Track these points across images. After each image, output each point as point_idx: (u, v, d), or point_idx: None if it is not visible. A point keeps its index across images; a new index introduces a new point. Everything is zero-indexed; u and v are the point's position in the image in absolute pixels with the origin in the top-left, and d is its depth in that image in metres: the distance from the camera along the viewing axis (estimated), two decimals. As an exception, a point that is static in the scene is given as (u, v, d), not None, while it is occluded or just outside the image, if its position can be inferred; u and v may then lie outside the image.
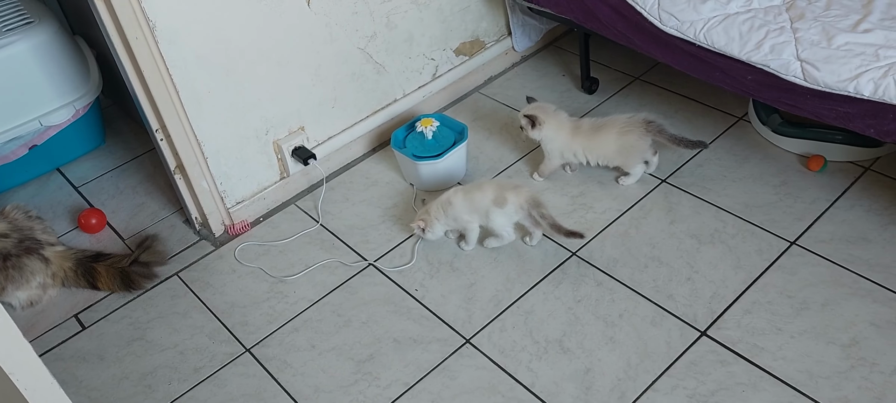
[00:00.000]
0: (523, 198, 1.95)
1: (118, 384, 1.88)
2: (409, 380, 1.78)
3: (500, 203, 1.96)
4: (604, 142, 2.12)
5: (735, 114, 2.39)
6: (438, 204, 2.04)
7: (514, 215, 1.98)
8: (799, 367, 1.67)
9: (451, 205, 2.01)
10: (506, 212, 1.97)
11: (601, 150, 2.13)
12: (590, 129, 2.14)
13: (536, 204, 1.95)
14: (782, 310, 1.79)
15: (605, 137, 2.12)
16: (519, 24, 2.70)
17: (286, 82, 2.21)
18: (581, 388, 1.70)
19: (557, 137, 2.16)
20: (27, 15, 2.40)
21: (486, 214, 1.99)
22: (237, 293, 2.07)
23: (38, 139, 2.45)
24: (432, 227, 2.04)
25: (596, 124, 2.15)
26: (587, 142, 2.14)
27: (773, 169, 2.17)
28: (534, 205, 1.95)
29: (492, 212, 1.98)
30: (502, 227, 2.00)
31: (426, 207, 2.08)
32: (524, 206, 1.95)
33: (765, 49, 1.84)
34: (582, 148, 2.15)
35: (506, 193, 1.96)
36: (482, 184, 2.03)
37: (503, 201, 1.96)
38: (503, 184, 2.01)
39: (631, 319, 1.83)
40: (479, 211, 2.00)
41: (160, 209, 2.41)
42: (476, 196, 2.00)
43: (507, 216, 1.98)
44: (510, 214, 1.97)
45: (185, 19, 1.93)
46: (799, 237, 1.96)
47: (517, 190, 1.97)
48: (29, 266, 2.03)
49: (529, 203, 1.95)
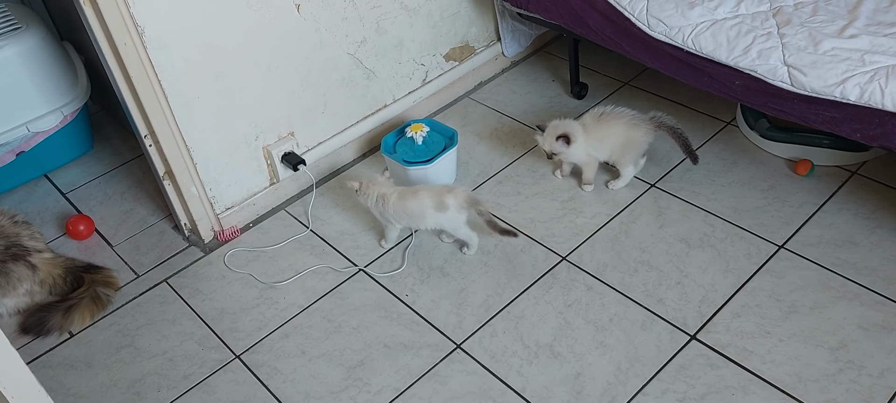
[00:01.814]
0: (461, 198, 1.99)
1: (106, 391, 1.86)
2: (399, 386, 1.77)
3: (441, 208, 1.98)
4: (611, 133, 2.11)
5: (723, 118, 2.41)
6: (378, 191, 2.05)
7: (459, 215, 2.00)
8: (788, 370, 1.67)
9: (385, 202, 2.04)
10: (450, 216, 1.99)
11: (608, 142, 2.13)
12: (594, 122, 2.13)
13: (474, 202, 2.00)
14: (771, 314, 1.80)
15: (613, 128, 2.11)
16: (508, 30, 2.71)
17: (276, 88, 2.21)
18: (571, 393, 1.70)
19: (583, 144, 2.14)
20: (15, 20, 2.39)
21: (431, 221, 2.01)
22: (227, 299, 2.06)
23: (26, 145, 2.44)
24: (364, 198, 2.06)
25: (597, 115, 2.14)
26: (597, 133, 2.13)
27: (762, 173, 2.18)
28: (472, 203, 1.99)
29: (438, 219, 2.00)
30: (456, 229, 2.03)
31: (373, 179, 2.07)
32: (464, 205, 1.99)
33: (752, 54, 1.85)
34: (595, 142, 2.14)
35: (444, 198, 1.99)
36: (417, 191, 2.03)
37: (444, 206, 1.98)
38: (438, 190, 2.02)
39: (621, 323, 1.83)
40: (410, 217, 2.02)
41: (149, 215, 2.39)
42: (410, 203, 2.01)
43: (452, 219, 2.00)
44: (455, 216, 2.00)
45: (173, 24, 1.93)
46: (787, 241, 1.97)
47: (453, 192, 1.99)
48: (15, 272, 2.01)
49: (468, 201, 1.99)
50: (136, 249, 2.27)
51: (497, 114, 2.60)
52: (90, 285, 2.05)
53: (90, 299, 2.03)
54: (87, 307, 2.02)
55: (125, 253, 2.26)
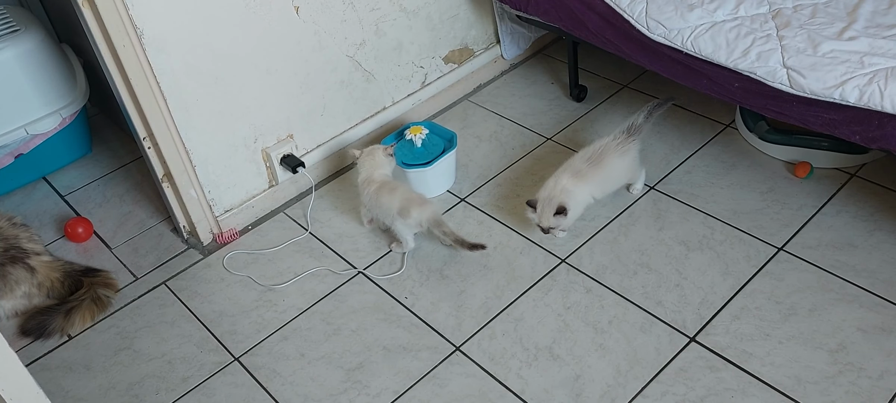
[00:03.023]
0: (426, 216, 2.00)
1: (105, 394, 1.86)
2: (399, 388, 1.77)
3: (404, 214, 2.01)
4: (608, 168, 2.04)
5: (722, 121, 2.41)
6: (368, 173, 2.11)
7: (415, 228, 2.03)
8: (787, 372, 1.67)
9: (368, 187, 2.09)
10: (408, 225, 2.02)
11: (610, 179, 2.07)
12: (589, 167, 2.02)
13: (438, 224, 2.00)
14: (770, 316, 1.80)
15: (608, 163, 2.04)
16: (508, 33, 2.71)
17: (275, 90, 2.21)
18: (571, 395, 1.70)
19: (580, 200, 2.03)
20: (13, 23, 2.39)
21: (390, 219, 2.05)
22: (226, 301, 2.06)
23: (24, 147, 2.43)
24: (361, 166, 2.13)
25: (588, 157, 2.04)
26: (595, 176, 2.03)
27: (761, 175, 2.18)
28: (435, 224, 2.00)
29: (396, 220, 2.03)
30: (402, 235, 2.06)
31: (367, 149, 2.14)
32: (424, 224, 2.01)
33: (751, 56, 1.85)
34: (597, 185, 2.05)
35: (411, 207, 2.00)
36: (396, 188, 2.06)
37: (407, 213, 2.00)
38: (411, 197, 2.03)
39: (620, 326, 1.83)
40: (382, 210, 2.06)
41: (148, 217, 2.39)
42: (384, 198, 2.05)
43: (408, 228, 2.03)
44: (411, 227, 2.03)
45: (172, 27, 1.93)
46: (786, 243, 1.97)
47: (422, 206, 2.01)
48: (14, 275, 2.00)
49: (430, 221, 2.00)
50: (135, 252, 2.27)
51: (496, 116, 2.60)
52: (90, 287, 2.04)
53: (91, 300, 2.03)
54: (87, 308, 2.02)
55: (124, 256, 2.26)
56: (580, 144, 2.40)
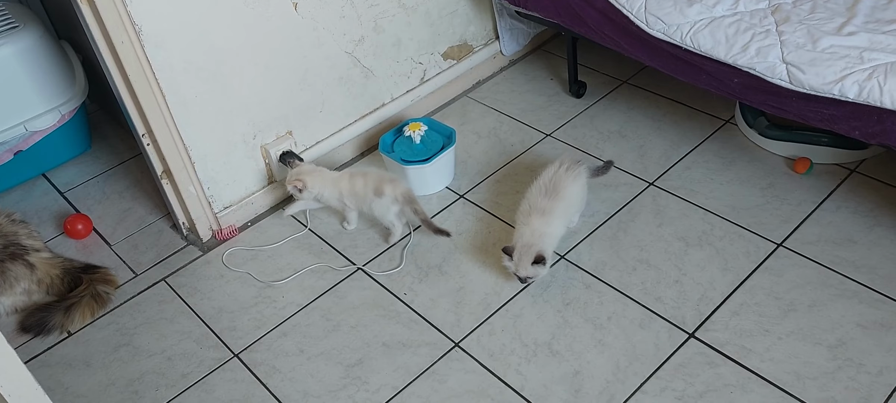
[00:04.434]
0: (399, 191, 2.05)
1: (105, 390, 1.86)
2: (398, 384, 1.77)
3: (378, 193, 2.06)
4: (571, 196, 1.97)
5: (722, 117, 2.41)
6: (324, 175, 2.12)
7: (391, 206, 2.07)
8: (786, 368, 1.67)
9: (338, 186, 2.11)
10: (383, 203, 2.06)
11: (573, 204, 2.00)
12: (550, 200, 1.93)
13: (410, 200, 2.06)
14: (770, 312, 1.80)
15: (567, 191, 1.95)
16: (507, 29, 2.70)
17: (273, 86, 2.21)
18: (570, 391, 1.70)
19: (553, 239, 1.93)
20: (12, 19, 2.38)
21: (367, 203, 2.09)
22: (225, 298, 2.06)
23: (24, 144, 2.43)
24: (309, 192, 2.11)
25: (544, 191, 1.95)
26: (560, 207, 1.94)
27: (760, 171, 2.18)
28: (408, 201, 2.06)
29: (373, 202, 2.07)
30: (383, 217, 2.10)
31: (303, 168, 2.14)
32: (399, 200, 2.05)
33: (751, 52, 1.85)
34: (564, 217, 1.97)
35: (383, 185, 2.06)
36: (365, 173, 2.11)
37: (381, 192, 2.05)
38: (383, 176, 2.09)
39: (619, 322, 1.83)
40: (357, 197, 2.10)
41: (147, 214, 2.39)
42: (358, 183, 2.09)
43: (384, 206, 2.07)
44: (387, 205, 2.06)
45: (171, 23, 1.92)
46: (786, 239, 1.97)
47: (394, 183, 2.06)
48: (13, 271, 2.00)
49: (404, 197, 2.05)
50: (135, 248, 2.27)
51: (495, 112, 2.59)
52: (89, 284, 2.05)
53: (90, 297, 2.03)
54: (87, 305, 2.02)
55: (123, 252, 2.26)
56: (579, 141, 2.40)
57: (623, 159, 2.30)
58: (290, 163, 2.18)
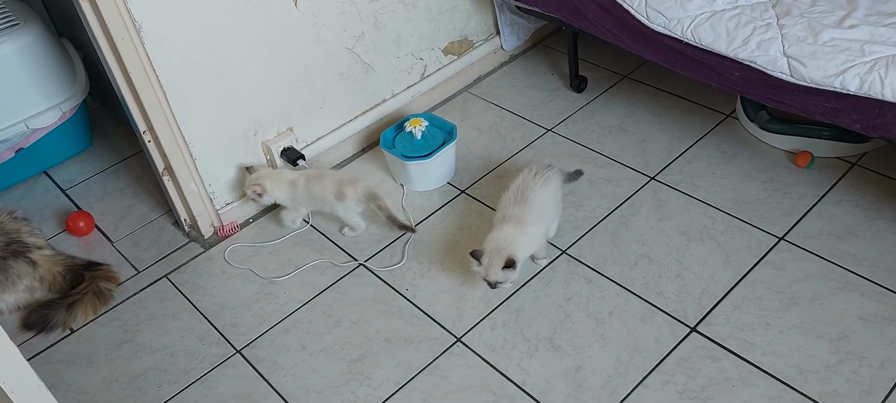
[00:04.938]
0: (360, 192, 2.06)
1: (107, 387, 1.86)
2: (400, 380, 1.77)
3: (339, 197, 2.06)
4: (543, 202, 1.91)
5: (723, 111, 2.40)
6: (281, 178, 2.12)
7: (355, 207, 2.08)
8: (788, 362, 1.68)
9: (295, 189, 2.11)
10: (347, 206, 2.07)
11: (546, 211, 1.93)
12: (522, 208, 1.88)
13: (373, 197, 2.07)
14: (771, 306, 1.80)
15: (537, 197, 1.90)
16: (507, 24, 2.70)
17: (274, 83, 2.21)
18: (572, 385, 1.70)
19: (528, 244, 1.88)
20: (12, 17, 2.38)
21: (329, 206, 2.09)
22: (227, 294, 2.06)
23: (25, 142, 2.44)
24: (269, 196, 2.11)
25: (514, 199, 1.90)
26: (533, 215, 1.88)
27: (761, 165, 2.18)
28: (371, 198, 2.07)
29: (335, 206, 2.08)
30: (349, 218, 2.11)
31: (262, 172, 2.13)
32: (362, 200, 2.06)
33: (752, 45, 1.85)
34: (540, 225, 1.91)
35: (344, 188, 2.06)
36: (322, 176, 2.11)
37: (342, 196, 2.06)
38: (342, 179, 2.09)
39: (621, 316, 1.83)
40: (316, 201, 2.10)
41: (149, 211, 2.39)
42: (315, 188, 2.09)
43: (349, 209, 2.08)
44: (351, 207, 2.07)
45: (171, 20, 1.92)
46: (787, 233, 1.97)
47: (354, 184, 2.07)
48: (15, 269, 2.01)
49: (366, 196, 2.06)
50: (136, 245, 2.27)
51: (496, 108, 2.59)
52: (91, 281, 2.05)
53: (93, 294, 2.03)
54: (89, 302, 2.02)
55: (125, 249, 2.26)
56: (580, 136, 2.40)
57: (624, 154, 2.30)
58: (249, 168, 2.16)
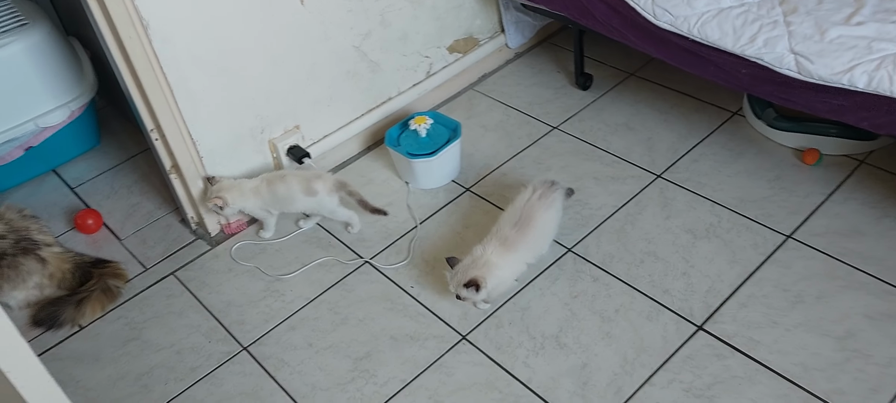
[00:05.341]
0: (329, 183, 2.09)
1: (114, 384, 1.87)
2: (406, 377, 1.78)
3: (310, 193, 2.07)
4: (543, 228, 1.89)
5: (730, 108, 2.40)
6: (242, 188, 2.10)
7: (328, 199, 2.09)
8: (794, 360, 1.67)
9: (260, 195, 2.11)
10: (321, 200, 2.08)
11: (544, 236, 1.92)
12: (518, 232, 1.85)
13: (342, 185, 2.11)
14: (778, 304, 1.79)
15: (539, 222, 1.88)
16: (512, 22, 2.70)
17: (281, 81, 2.21)
18: (578, 383, 1.70)
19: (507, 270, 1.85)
20: (21, 16, 2.40)
21: (300, 205, 2.10)
22: (233, 292, 2.07)
23: (34, 140, 2.45)
24: (230, 208, 2.09)
25: (514, 221, 1.87)
26: (526, 243, 1.86)
27: (768, 163, 2.17)
28: (341, 187, 2.11)
29: (308, 203, 2.09)
30: (333, 213, 2.12)
31: (223, 184, 2.11)
32: (333, 190, 2.09)
33: (758, 43, 1.84)
34: (530, 252, 1.89)
35: (312, 183, 2.07)
36: (285, 176, 2.11)
37: (313, 191, 2.07)
38: (307, 176, 2.10)
39: (627, 314, 1.83)
40: (283, 203, 2.11)
41: (156, 209, 2.40)
42: (279, 188, 2.09)
43: (323, 203, 2.09)
44: (325, 200, 2.08)
45: (178, 18, 1.93)
46: (794, 231, 1.96)
47: (321, 177, 2.09)
48: (25, 266, 2.02)
49: (336, 186, 2.10)
50: (144, 243, 2.28)
51: (502, 105, 2.59)
52: (100, 278, 2.06)
53: (101, 291, 2.04)
54: (97, 299, 2.03)
55: (133, 247, 2.27)
56: (586, 133, 2.40)
57: (630, 152, 2.30)
58: (210, 179, 2.13)
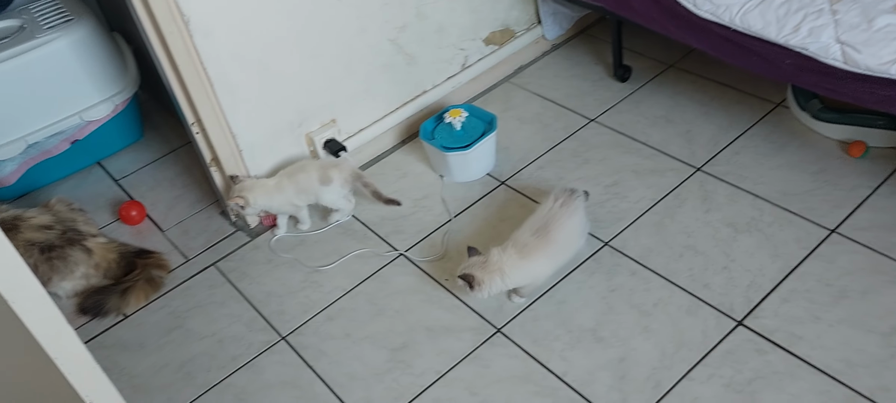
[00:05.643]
0: (346, 172, 2.13)
1: (158, 371, 1.92)
2: (441, 368, 1.79)
3: (325, 181, 2.10)
4: (564, 236, 1.85)
5: (773, 100, 2.35)
6: (265, 186, 2.12)
7: (341, 189, 2.13)
8: (837, 356, 1.64)
9: (282, 190, 2.12)
10: (333, 189, 2.12)
11: (567, 246, 1.87)
12: (537, 239, 1.82)
13: (358, 176, 2.16)
14: (821, 299, 1.76)
15: (560, 231, 1.83)
16: (549, 13, 2.68)
17: (318, 75, 2.23)
18: (615, 377, 1.69)
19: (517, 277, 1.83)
20: (67, 13, 2.46)
21: (315, 194, 2.12)
22: (273, 282, 2.10)
23: (80, 134, 2.51)
24: (252, 207, 2.10)
25: (535, 228, 1.84)
26: (546, 251, 1.83)
27: (812, 155, 2.12)
28: (356, 178, 2.15)
29: (320, 191, 2.11)
30: (335, 202, 2.15)
31: (244, 184, 2.12)
32: (349, 180, 2.13)
33: (803, 32, 1.80)
34: (549, 261, 1.85)
35: (329, 171, 2.11)
36: (304, 166, 2.15)
37: (328, 179, 2.10)
38: (325, 164, 2.14)
39: (666, 308, 1.81)
40: (306, 193, 2.13)
41: (197, 201, 2.45)
42: (301, 178, 2.12)
43: (335, 191, 2.12)
44: (338, 189, 2.12)
45: (218, 13, 1.96)
46: (838, 225, 1.92)
47: (338, 166, 2.13)
48: (72, 256, 2.08)
49: (353, 176, 2.14)
50: (186, 234, 2.33)
51: (538, 98, 2.58)
52: (143, 268, 2.11)
53: (145, 281, 2.09)
54: (141, 288, 2.08)
55: (175, 238, 2.32)
56: (624, 126, 2.37)
57: (669, 144, 2.27)
58: (233, 178, 2.15)
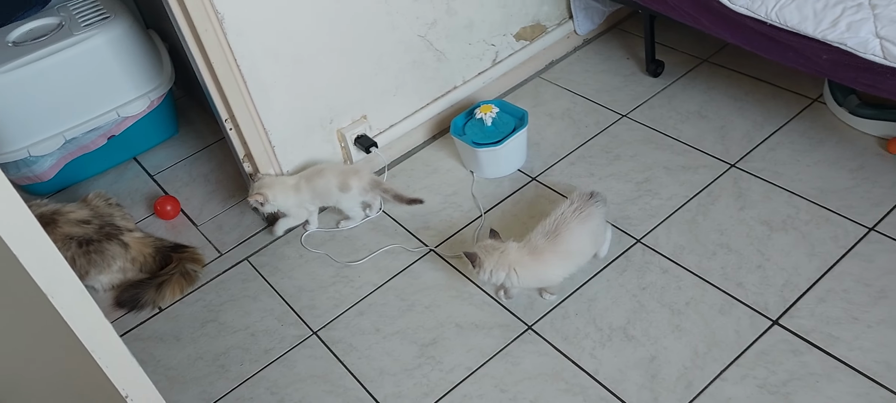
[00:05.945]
0: (365, 181, 2.13)
1: (193, 363, 1.96)
2: (471, 365, 1.79)
3: (344, 188, 2.11)
4: (575, 241, 1.80)
5: (809, 95, 2.30)
6: (284, 185, 2.14)
7: (360, 197, 2.14)
8: (876, 357, 1.60)
9: (299, 192, 2.14)
10: (352, 196, 2.12)
11: (578, 252, 1.83)
12: (547, 241, 1.79)
13: (377, 184, 2.16)
14: (859, 299, 1.72)
15: (570, 235, 1.79)
16: (581, 7, 2.65)
17: (349, 71, 2.24)
18: (646, 376, 1.68)
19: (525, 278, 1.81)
20: (104, 10, 2.51)
21: (335, 199, 2.14)
22: (304, 277, 2.12)
23: (116, 129, 2.56)
24: (271, 204, 2.12)
25: (546, 230, 1.81)
26: (557, 254, 1.80)
27: (850, 152, 2.08)
28: (375, 186, 2.15)
29: (339, 198, 2.13)
30: (350, 209, 2.17)
31: (264, 181, 2.13)
32: (368, 188, 2.13)
33: (841, 27, 1.76)
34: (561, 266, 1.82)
35: (348, 179, 2.11)
36: (322, 170, 2.14)
37: (347, 187, 2.11)
38: (344, 170, 2.14)
39: (698, 307, 1.79)
40: (321, 197, 2.15)
41: (230, 196, 2.48)
42: (319, 183, 2.13)
43: (353, 198, 2.14)
44: (356, 197, 2.14)
45: (252, 11, 1.98)
46: (877, 223, 1.87)
47: (358, 173, 2.13)
48: (109, 250, 2.13)
49: (371, 184, 2.14)
50: (219, 229, 2.36)
51: (570, 93, 2.56)
52: (178, 262, 2.15)
53: (180, 275, 2.13)
54: (177, 282, 2.12)
55: (209, 233, 2.36)
56: (657, 122, 2.35)
57: (703, 140, 2.24)
58: (252, 176, 2.16)
